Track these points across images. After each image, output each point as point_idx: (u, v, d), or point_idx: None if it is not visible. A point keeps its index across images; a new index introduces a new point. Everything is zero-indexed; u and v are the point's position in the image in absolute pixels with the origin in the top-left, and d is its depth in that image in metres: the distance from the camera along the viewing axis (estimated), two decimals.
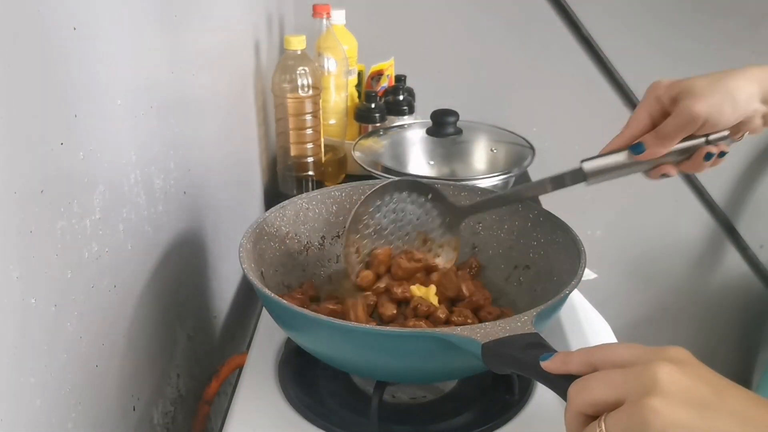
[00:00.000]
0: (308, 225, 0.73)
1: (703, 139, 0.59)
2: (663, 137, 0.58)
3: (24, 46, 0.41)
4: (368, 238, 0.70)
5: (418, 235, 0.72)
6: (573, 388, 0.37)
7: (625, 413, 0.34)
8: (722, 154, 0.60)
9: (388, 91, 1.23)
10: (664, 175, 0.61)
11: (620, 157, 0.60)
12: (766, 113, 0.58)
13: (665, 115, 0.59)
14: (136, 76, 0.58)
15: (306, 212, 0.73)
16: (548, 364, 0.41)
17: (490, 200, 0.71)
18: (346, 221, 0.70)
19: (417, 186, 0.71)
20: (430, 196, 0.71)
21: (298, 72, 0.97)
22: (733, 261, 1.63)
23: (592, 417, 0.36)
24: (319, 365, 0.65)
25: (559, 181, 0.63)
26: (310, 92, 0.99)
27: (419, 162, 1.04)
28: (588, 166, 0.61)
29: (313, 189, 0.84)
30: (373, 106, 1.16)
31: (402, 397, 0.63)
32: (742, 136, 0.61)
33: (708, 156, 0.59)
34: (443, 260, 0.72)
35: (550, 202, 1.01)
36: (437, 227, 0.72)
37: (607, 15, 1.39)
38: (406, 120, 1.18)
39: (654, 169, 0.61)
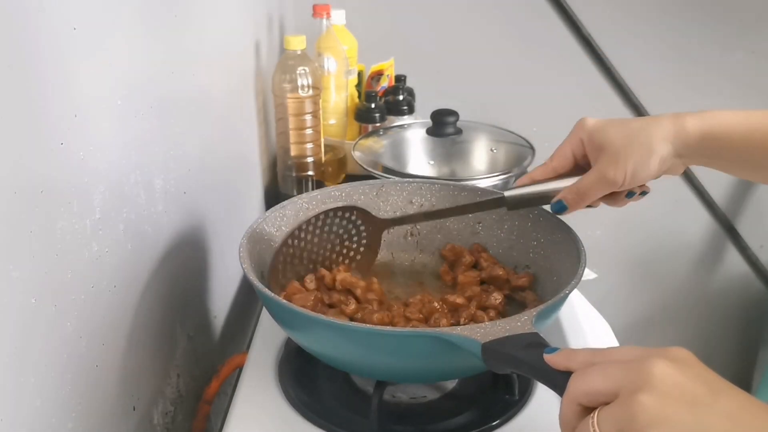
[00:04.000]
0: None
1: None
2: (583, 195, 0.58)
3: (24, 46, 0.41)
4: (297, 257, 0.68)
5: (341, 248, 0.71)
6: (572, 378, 0.38)
7: (616, 407, 0.35)
8: (644, 193, 0.60)
9: (388, 91, 1.23)
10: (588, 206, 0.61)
11: (541, 188, 0.61)
12: (682, 161, 0.58)
13: (586, 156, 0.59)
14: (136, 76, 0.58)
15: (306, 212, 0.73)
16: (552, 358, 0.41)
17: (412, 216, 0.71)
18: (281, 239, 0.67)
19: (342, 208, 0.69)
20: (354, 213, 0.70)
21: (298, 72, 0.97)
22: (733, 261, 1.63)
23: (587, 409, 0.37)
24: (319, 365, 0.65)
25: (480, 206, 0.66)
26: (310, 92, 0.99)
27: (419, 162, 1.04)
28: (509, 194, 0.62)
29: (313, 189, 0.84)
30: (373, 106, 1.16)
31: (402, 397, 0.63)
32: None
33: (630, 194, 0.60)
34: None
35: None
36: (358, 240, 0.71)
37: (607, 15, 1.39)
38: (406, 120, 1.18)
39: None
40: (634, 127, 0.57)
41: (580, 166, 0.61)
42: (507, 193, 0.62)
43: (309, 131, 1.02)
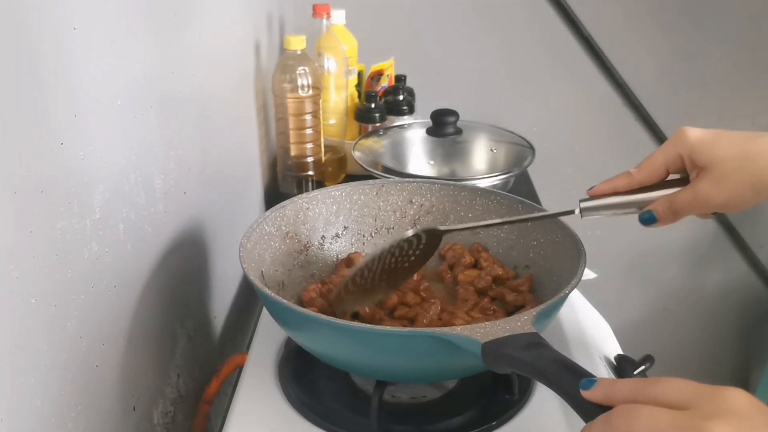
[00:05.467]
0: (308, 225, 0.73)
1: None
2: (676, 212, 0.55)
3: (24, 46, 0.41)
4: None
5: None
6: (615, 416, 0.35)
7: None
8: None
9: (388, 91, 1.23)
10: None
11: (621, 200, 0.58)
12: None
13: (682, 170, 0.55)
14: (136, 76, 0.58)
15: (306, 212, 0.73)
16: (591, 395, 0.38)
17: (468, 227, 0.66)
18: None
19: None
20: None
21: (298, 72, 0.97)
22: (733, 261, 1.63)
23: None
24: (319, 365, 0.65)
25: (550, 215, 0.63)
26: (310, 92, 0.99)
27: (419, 162, 1.04)
28: (584, 206, 0.58)
29: (313, 189, 0.84)
30: (373, 106, 1.16)
31: (402, 397, 0.63)
32: None
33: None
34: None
35: (550, 201, 1.02)
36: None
37: (607, 15, 1.39)
38: (406, 120, 1.18)
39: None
40: (746, 152, 0.51)
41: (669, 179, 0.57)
42: (582, 205, 0.58)
43: (309, 131, 1.02)
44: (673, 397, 0.34)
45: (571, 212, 0.59)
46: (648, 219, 0.56)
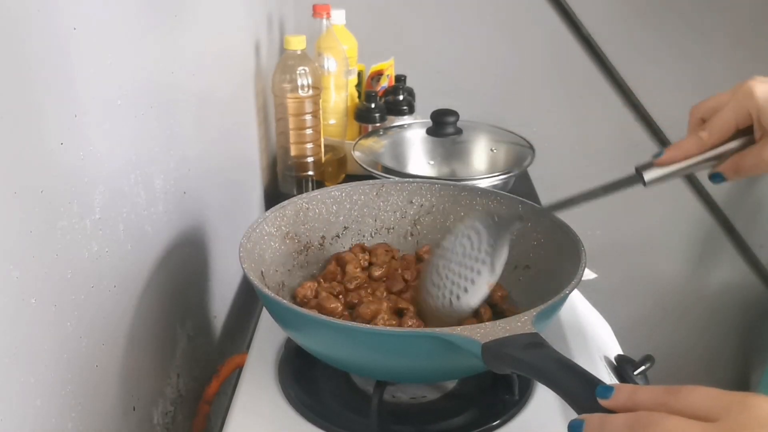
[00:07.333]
0: (308, 225, 0.73)
1: None
2: (744, 173, 0.54)
3: (24, 46, 0.41)
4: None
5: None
6: (640, 421, 0.34)
7: None
8: None
9: (388, 91, 1.23)
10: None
11: (686, 163, 0.55)
12: None
13: (749, 126, 0.54)
14: (136, 77, 0.58)
15: (306, 212, 0.73)
16: (611, 404, 0.36)
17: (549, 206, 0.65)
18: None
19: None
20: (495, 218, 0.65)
21: (298, 72, 0.97)
22: (733, 261, 1.63)
23: None
24: (319, 365, 0.65)
25: (613, 187, 0.58)
26: (310, 92, 0.99)
27: (419, 162, 1.04)
28: (649, 177, 0.56)
29: (313, 189, 0.84)
30: (373, 106, 1.16)
31: (402, 397, 0.63)
32: None
33: None
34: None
35: (550, 201, 1.01)
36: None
37: (607, 15, 1.39)
38: (406, 120, 1.18)
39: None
40: None
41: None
42: (648, 177, 0.55)
43: (309, 131, 1.02)
44: (699, 408, 0.33)
45: (638, 182, 0.56)
46: (717, 179, 0.56)
